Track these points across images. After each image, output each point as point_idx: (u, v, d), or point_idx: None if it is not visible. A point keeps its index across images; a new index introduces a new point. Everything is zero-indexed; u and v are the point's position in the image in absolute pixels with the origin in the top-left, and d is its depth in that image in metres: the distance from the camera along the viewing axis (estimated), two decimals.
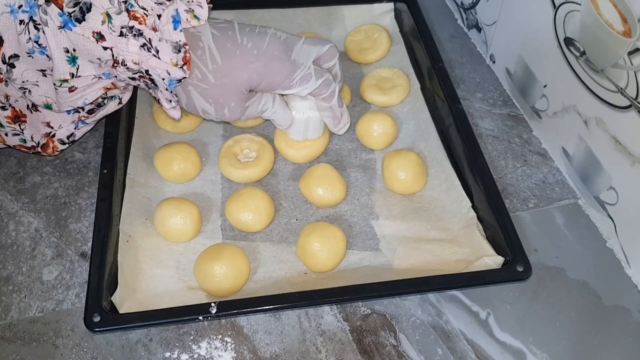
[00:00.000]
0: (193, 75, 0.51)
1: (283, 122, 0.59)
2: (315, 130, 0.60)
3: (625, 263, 0.56)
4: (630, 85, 0.50)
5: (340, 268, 0.54)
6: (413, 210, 0.59)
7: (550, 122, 0.64)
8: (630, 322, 0.52)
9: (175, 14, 0.49)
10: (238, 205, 0.56)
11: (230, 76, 0.52)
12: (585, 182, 0.60)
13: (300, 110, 0.59)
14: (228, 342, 0.50)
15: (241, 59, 0.52)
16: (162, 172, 0.60)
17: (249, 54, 0.52)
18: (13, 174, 0.62)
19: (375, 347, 0.50)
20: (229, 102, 0.53)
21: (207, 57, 0.51)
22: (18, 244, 0.57)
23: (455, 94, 0.63)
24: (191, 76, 0.51)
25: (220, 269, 0.50)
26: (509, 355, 0.50)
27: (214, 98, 0.53)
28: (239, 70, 0.52)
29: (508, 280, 0.51)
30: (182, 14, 0.49)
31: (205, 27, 0.51)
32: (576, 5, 0.55)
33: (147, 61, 0.49)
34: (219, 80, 0.51)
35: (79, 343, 0.50)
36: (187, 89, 0.52)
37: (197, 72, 0.51)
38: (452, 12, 0.85)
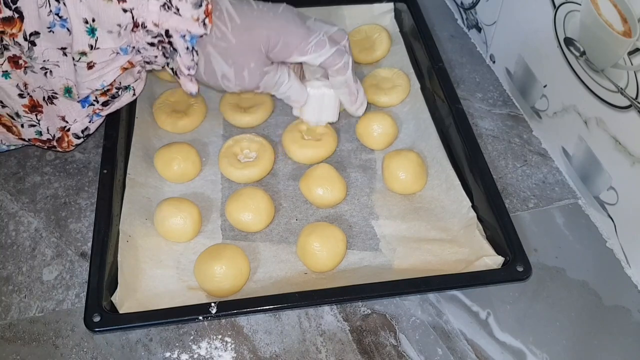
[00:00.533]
0: (212, 33, 0.52)
1: (299, 97, 0.59)
2: (330, 110, 0.61)
3: (625, 263, 0.56)
4: (630, 85, 0.50)
5: (340, 268, 0.54)
6: (413, 210, 0.59)
7: (550, 122, 0.64)
8: (630, 322, 0.52)
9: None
10: (238, 205, 0.56)
11: (250, 33, 0.52)
12: (585, 182, 0.60)
13: (316, 87, 0.59)
14: (228, 342, 0.50)
15: (259, 18, 0.53)
16: (162, 172, 0.60)
17: (266, 15, 0.53)
18: (13, 174, 0.62)
19: (375, 347, 0.50)
20: (248, 62, 0.53)
21: (226, 17, 0.52)
22: (18, 244, 0.57)
23: (455, 94, 0.63)
24: (210, 35, 0.52)
25: (220, 269, 0.50)
26: (509, 355, 0.50)
27: (234, 58, 0.53)
28: (257, 27, 0.53)
29: (508, 280, 0.51)
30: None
31: None
32: (576, 5, 0.55)
33: (168, 21, 0.50)
34: (238, 37, 0.52)
35: (79, 343, 0.50)
36: (206, 50, 0.53)
37: (216, 30, 0.52)
38: (452, 12, 0.85)
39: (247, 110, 0.66)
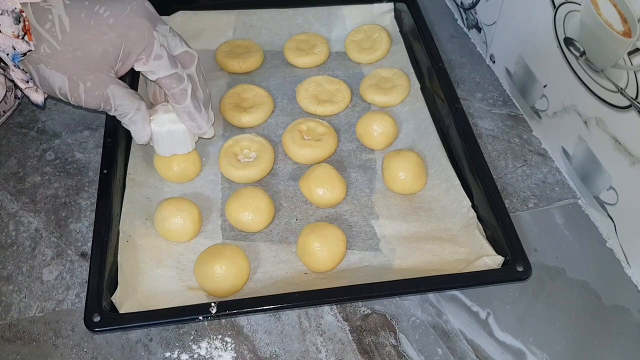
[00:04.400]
0: (41, 49, 0.47)
1: (137, 136, 0.55)
2: (183, 143, 0.57)
3: (625, 263, 0.56)
4: (630, 85, 0.50)
5: (340, 268, 0.54)
6: (413, 210, 0.59)
7: (550, 122, 0.64)
8: (630, 322, 0.52)
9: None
10: (238, 205, 0.56)
11: (83, 49, 0.48)
12: (585, 182, 0.60)
13: (160, 123, 0.55)
14: (228, 342, 0.50)
15: (94, 29, 0.48)
16: (162, 172, 0.60)
17: (104, 24, 0.48)
18: (13, 174, 0.62)
19: (375, 347, 0.50)
20: (84, 80, 0.49)
21: (57, 28, 0.47)
22: (18, 244, 0.57)
23: (455, 94, 0.63)
24: (38, 51, 0.47)
25: (220, 269, 0.50)
26: (509, 355, 0.50)
27: (68, 73, 0.48)
28: (91, 42, 0.48)
29: (508, 280, 0.51)
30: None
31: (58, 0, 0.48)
32: (576, 5, 0.55)
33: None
34: (71, 53, 0.48)
35: (79, 343, 0.50)
36: (37, 66, 0.48)
37: (45, 46, 0.47)
38: (452, 12, 0.85)
39: (247, 110, 0.66)
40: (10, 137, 0.66)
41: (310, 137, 0.63)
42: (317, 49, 0.73)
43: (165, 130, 0.55)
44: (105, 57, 0.49)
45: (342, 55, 0.75)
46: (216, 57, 0.73)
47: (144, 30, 0.49)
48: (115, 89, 0.51)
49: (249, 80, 0.71)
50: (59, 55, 0.48)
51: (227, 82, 0.71)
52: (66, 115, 0.68)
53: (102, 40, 0.48)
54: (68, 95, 0.50)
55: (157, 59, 0.50)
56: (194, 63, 0.55)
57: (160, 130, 0.55)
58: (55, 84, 0.49)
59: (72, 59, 0.48)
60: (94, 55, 0.49)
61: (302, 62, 0.73)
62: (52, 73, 0.48)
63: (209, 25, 0.75)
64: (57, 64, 0.48)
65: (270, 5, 0.76)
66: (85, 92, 0.50)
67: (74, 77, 0.49)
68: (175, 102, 0.54)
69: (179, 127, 0.56)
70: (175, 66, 0.52)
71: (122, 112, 0.52)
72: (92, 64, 0.49)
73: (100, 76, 0.49)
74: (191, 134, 0.58)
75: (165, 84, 0.52)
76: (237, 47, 0.73)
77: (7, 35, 0.45)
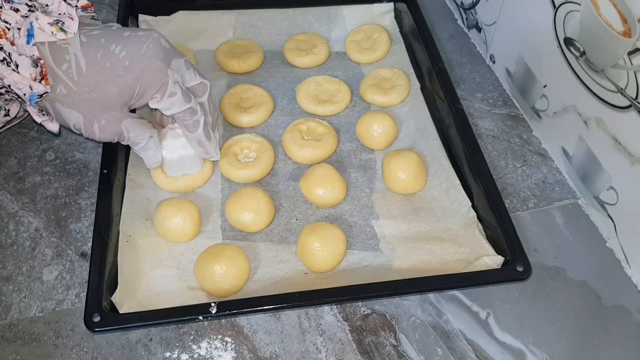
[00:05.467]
0: (57, 89, 0.48)
1: (149, 162, 0.57)
2: (193, 166, 0.59)
3: (625, 263, 0.56)
4: (630, 85, 0.50)
5: (340, 268, 0.54)
6: (413, 210, 0.59)
7: (550, 122, 0.64)
8: (630, 322, 0.52)
9: (30, 27, 0.46)
10: (238, 205, 0.56)
11: (98, 91, 0.49)
12: (585, 182, 0.60)
13: (172, 150, 0.57)
14: (228, 342, 0.50)
15: (110, 71, 0.49)
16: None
17: (120, 66, 0.49)
18: (13, 174, 0.62)
19: (375, 347, 0.50)
20: (98, 118, 0.50)
21: (73, 68, 0.48)
22: (18, 244, 0.57)
23: (455, 94, 0.63)
24: (55, 90, 0.48)
25: (220, 269, 0.50)
26: (509, 355, 0.50)
27: (84, 112, 0.50)
28: (106, 84, 0.49)
29: (508, 280, 0.51)
30: (45, 27, 0.47)
31: (75, 39, 0.49)
32: (576, 5, 0.55)
33: (9, 76, 0.47)
34: (86, 94, 0.49)
35: (79, 343, 0.50)
36: (54, 104, 0.49)
37: (61, 87, 0.48)
38: (452, 12, 0.85)
39: (247, 110, 0.66)
40: (10, 137, 0.66)
41: (310, 137, 0.63)
42: (317, 49, 0.73)
43: (177, 156, 0.57)
44: (120, 98, 0.50)
45: (342, 55, 0.75)
46: (216, 57, 0.73)
47: (158, 71, 0.50)
48: (128, 123, 0.52)
49: (249, 80, 0.71)
50: (75, 96, 0.49)
51: (227, 82, 0.71)
52: None
53: (118, 82, 0.49)
54: (82, 130, 0.51)
55: (171, 96, 0.51)
56: (206, 92, 0.55)
57: (172, 157, 0.57)
58: (70, 121, 0.50)
59: (87, 100, 0.49)
60: (109, 96, 0.49)
61: (302, 62, 0.73)
62: (68, 111, 0.49)
63: (209, 25, 0.75)
64: (72, 104, 0.49)
65: (270, 5, 0.76)
66: (100, 129, 0.51)
67: (89, 115, 0.50)
68: (187, 131, 0.55)
69: (189, 152, 0.57)
70: (189, 100, 0.53)
71: (135, 141, 0.54)
72: (107, 104, 0.50)
73: (114, 114, 0.51)
74: (199, 158, 0.59)
75: (179, 118, 0.54)
76: (237, 47, 0.73)
77: (24, 77, 0.47)
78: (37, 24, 0.47)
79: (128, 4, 0.72)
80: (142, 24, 0.73)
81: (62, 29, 0.48)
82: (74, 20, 0.49)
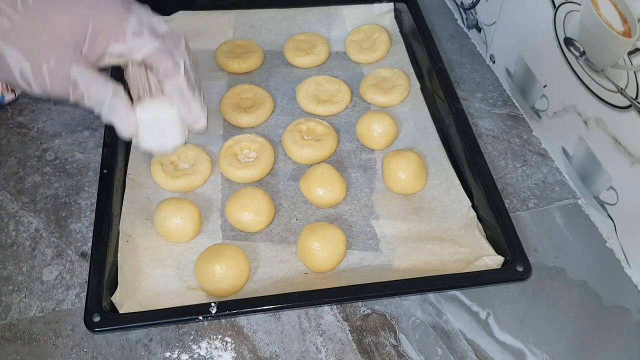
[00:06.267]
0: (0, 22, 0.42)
1: (121, 127, 0.49)
2: (172, 133, 0.50)
3: (625, 263, 0.56)
4: (630, 85, 0.50)
5: (340, 268, 0.54)
6: (413, 210, 0.59)
7: (550, 122, 0.64)
8: (630, 322, 0.52)
9: None
10: (238, 205, 0.56)
11: (45, 20, 0.43)
12: (585, 182, 0.60)
13: (146, 107, 0.48)
14: (228, 342, 0.50)
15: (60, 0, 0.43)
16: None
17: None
18: (13, 174, 0.62)
19: (375, 347, 0.50)
20: (47, 57, 0.43)
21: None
22: (18, 244, 0.57)
23: (455, 94, 0.63)
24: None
25: (220, 269, 0.50)
26: (509, 355, 0.50)
27: (28, 52, 0.43)
28: (55, 13, 0.43)
29: (508, 280, 0.51)
30: None
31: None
32: (576, 5, 0.55)
33: None
34: (32, 24, 0.43)
35: (79, 343, 0.50)
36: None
37: (4, 19, 0.42)
38: (452, 12, 0.85)
39: (247, 110, 0.66)
40: (10, 137, 0.66)
41: (310, 137, 0.63)
42: (317, 49, 0.73)
43: (152, 115, 0.48)
44: (71, 32, 0.44)
45: (342, 55, 0.75)
46: (216, 57, 0.73)
47: (116, 4, 0.45)
48: (82, 70, 0.45)
49: (249, 80, 0.71)
50: (18, 30, 0.43)
51: (227, 82, 0.71)
52: (66, 115, 0.68)
53: (67, 10, 0.44)
54: (31, 78, 0.44)
55: (136, 35, 0.45)
56: (181, 43, 0.49)
57: (146, 117, 0.48)
58: (16, 65, 0.44)
59: (33, 33, 0.43)
60: (57, 29, 0.43)
61: (302, 62, 0.73)
62: (11, 52, 0.43)
63: (209, 25, 0.75)
64: (15, 38, 0.43)
65: (270, 5, 0.76)
66: (49, 72, 0.44)
67: (35, 53, 0.43)
68: (167, 79, 0.48)
69: (168, 112, 0.49)
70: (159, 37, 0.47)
71: (96, 98, 0.46)
72: (55, 40, 0.44)
73: (65, 53, 0.44)
74: (182, 123, 0.51)
75: (155, 60, 0.47)
76: (237, 47, 0.73)
77: None
78: None
79: None
80: None
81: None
82: None
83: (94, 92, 0.46)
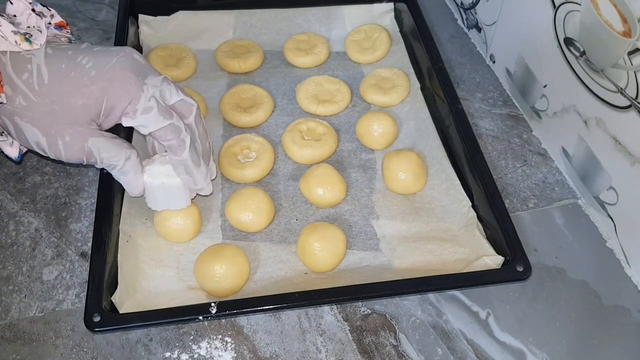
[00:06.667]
0: (16, 101, 0.44)
1: (129, 187, 0.51)
2: (178, 198, 0.52)
3: (625, 263, 0.56)
4: (630, 85, 0.50)
5: (340, 268, 0.54)
6: (413, 210, 0.59)
7: (550, 122, 0.64)
8: (630, 322, 0.52)
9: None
10: (238, 205, 0.56)
11: (61, 102, 0.45)
12: (585, 182, 0.60)
13: (154, 174, 0.51)
14: (228, 342, 0.50)
15: (74, 80, 0.45)
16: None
17: (85, 76, 0.45)
18: (13, 174, 0.62)
19: (375, 347, 0.50)
20: (62, 134, 0.46)
21: (34, 78, 0.45)
22: (18, 244, 0.57)
23: (455, 94, 0.63)
24: (13, 103, 0.45)
25: (220, 269, 0.50)
26: (508, 355, 0.50)
27: (45, 128, 0.45)
28: (70, 95, 0.45)
29: (508, 280, 0.51)
30: (9, 35, 0.44)
31: (40, 50, 0.45)
32: (576, 5, 0.55)
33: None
34: (48, 106, 0.45)
35: (79, 343, 0.50)
36: (13, 119, 0.45)
37: (20, 98, 0.44)
38: (452, 12, 0.85)
39: (247, 110, 0.66)
40: None
41: (310, 137, 0.63)
42: (317, 49, 0.73)
43: (158, 183, 0.51)
44: (86, 111, 0.46)
45: (342, 55, 0.75)
46: (216, 57, 0.73)
47: (129, 83, 0.46)
48: (98, 141, 0.47)
49: (249, 80, 0.71)
50: (35, 108, 0.45)
51: (227, 82, 0.71)
52: None
53: (82, 93, 0.45)
54: (46, 149, 0.47)
55: (145, 112, 0.46)
56: (192, 113, 0.50)
57: (152, 182, 0.51)
58: (32, 138, 0.46)
59: (49, 112, 0.45)
60: (72, 108, 0.45)
61: (302, 62, 0.73)
62: (28, 127, 0.45)
63: (209, 25, 0.75)
64: (32, 117, 0.45)
65: (270, 5, 0.76)
66: (65, 147, 0.46)
67: (51, 131, 0.46)
68: (172, 154, 0.50)
69: (173, 181, 0.51)
70: (170, 117, 0.48)
71: (109, 164, 0.49)
72: (70, 118, 0.46)
73: (79, 130, 0.46)
74: (187, 189, 0.53)
75: (160, 137, 0.48)
76: (237, 47, 0.73)
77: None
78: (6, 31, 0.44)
79: (128, 4, 0.72)
80: (142, 24, 0.73)
81: (28, 39, 0.45)
82: (42, 33, 0.46)
83: (106, 159, 0.48)
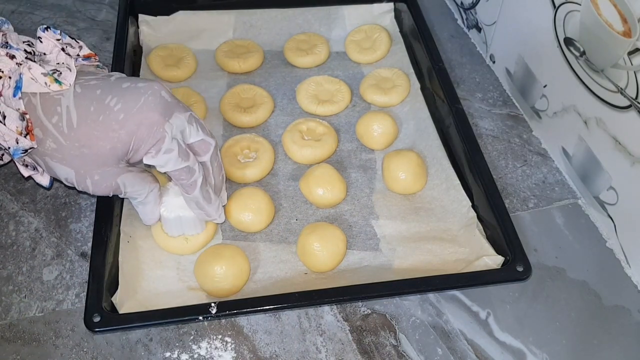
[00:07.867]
0: (46, 144, 0.46)
1: (146, 218, 0.53)
2: (191, 227, 0.54)
3: (625, 263, 0.56)
4: (630, 85, 0.50)
5: (340, 268, 0.54)
6: (413, 210, 0.59)
7: (550, 122, 0.64)
8: (630, 322, 0.52)
9: (19, 79, 0.44)
10: (238, 205, 0.56)
11: (90, 146, 0.46)
12: (585, 182, 0.60)
13: (170, 208, 0.53)
14: (228, 342, 0.50)
15: (103, 125, 0.46)
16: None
17: (113, 120, 0.46)
18: (13, 174, 0.62)
19: (375, 347, 0.50)
20: (91, 174, 0.47)
21: (64, 122, 0.45)
22: (18, 244, 0.57)
23: (455, 94, 0.63)
24: (44, 145, 0.46)
25: (220, 269, 0.50)
26: (508, 355, 0.50)
27: (75, 168, 0.47)
28: (99, 139, 0.46)
29: (508, 280, 0.51)
30: (39, 77, 0.45)
31: (69, 90, 0.46)
32: (576, 5, 0.55)
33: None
34: (77, 149, 0.46)
35: (79, 343, 0.50)
36: (44, 159, 0.47)
37: (50, 141, 0.46)
38: (452, 12, 0.85)
39: (247, 110, 0.66)
40: None
41: (310, 137, 0.63)
42: (317, 49, 0.73)
43: (174, 216, 0.53)
44: (113, 153, 0.47)
45: (342, 55, 0.75)
46: (216, 57, 0.73)
47: (154, 126, 0.46)
48: (125, 178, 0.49)
49: (249, 80, 0.71)
50: (65, 151, 0.46)
51: (227, 82, 0.71)
52: None
53: (110, 137, 0.46)
54: (75, 185, 0.48)
55: (167, 153, 0.47)
56: (209, 151, 0.51)
57: (169, 216, 0.53)
58: (62, 175, 0.48)
59: (78, 155, 0.46)
60: (101, 152, 0.46)
61: (302, 62, 0.73)
62: (58, 166, 0.47)
63: (209, 25, 0.75)
64: (62, 159, 0.47)
65: (270, 5, 0.76)
66: (93, 184, 0.48)
67: (81, 171, 0.47)
68: (184, 191, 0.51)
69: (188, 213, 0.53)
70: (187, 158, 0.49)
71: (132, 196, 0.51)
72: (99, 160, 0.47)
73: (108, 170, 0.48)
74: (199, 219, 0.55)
75: (174, 176, 0.50)
76: (237, 47, 0.73)
77: (11, 129, 0.44)
78: (29, 74, 0.45)
79: (128, 4, 0.72)
80: (142, 23, 0.73)
81: (57, 80, 0.46)
82: (72, 72, 0.47)
83: (130, 192, 0.50)
